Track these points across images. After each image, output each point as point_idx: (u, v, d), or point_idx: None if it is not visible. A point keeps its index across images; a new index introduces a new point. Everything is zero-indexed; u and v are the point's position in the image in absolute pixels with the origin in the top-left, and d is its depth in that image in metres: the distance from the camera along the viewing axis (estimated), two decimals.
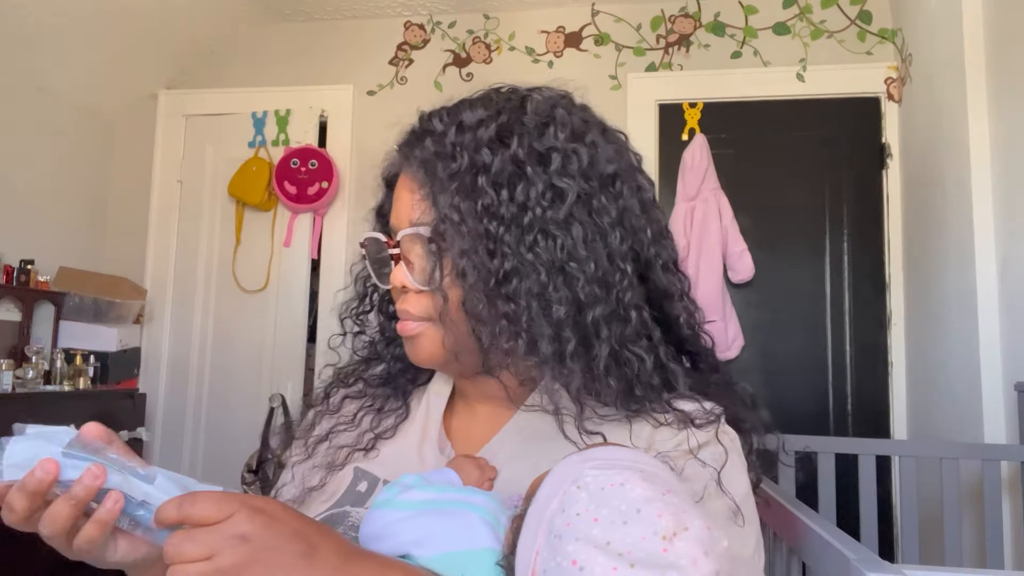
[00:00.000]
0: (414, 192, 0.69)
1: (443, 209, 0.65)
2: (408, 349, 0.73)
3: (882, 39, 2.73)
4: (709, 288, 2.62)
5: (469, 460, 0.69)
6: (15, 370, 2.37)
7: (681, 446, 0.66)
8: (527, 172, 0.65)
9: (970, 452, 1.73)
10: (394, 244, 0.69)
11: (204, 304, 3.08)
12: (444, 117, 0.71)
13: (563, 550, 0.46)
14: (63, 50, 2.72)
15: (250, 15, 3.12)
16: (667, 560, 0.44)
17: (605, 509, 0.46)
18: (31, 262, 2.63)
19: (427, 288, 0.68)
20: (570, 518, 0.47)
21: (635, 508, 0.46)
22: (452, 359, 0.71)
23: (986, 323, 1.94)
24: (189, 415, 3.03)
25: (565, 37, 2.96)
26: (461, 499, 0.59)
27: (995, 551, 1.69)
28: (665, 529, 0.45)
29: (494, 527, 0.56)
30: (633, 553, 0.44)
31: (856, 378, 2.64)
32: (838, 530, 0.89)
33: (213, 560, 0.46)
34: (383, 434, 0.77)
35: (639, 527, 0.45)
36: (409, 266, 0.69)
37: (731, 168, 2.74)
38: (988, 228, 1.97)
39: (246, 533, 0.47)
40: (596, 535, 0.45)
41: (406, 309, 0.70)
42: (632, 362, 0.67)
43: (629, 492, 0.47)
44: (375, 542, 0.57)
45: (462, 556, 0.54)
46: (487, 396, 0.75)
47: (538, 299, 0.64)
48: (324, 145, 3.06)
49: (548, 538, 0.47)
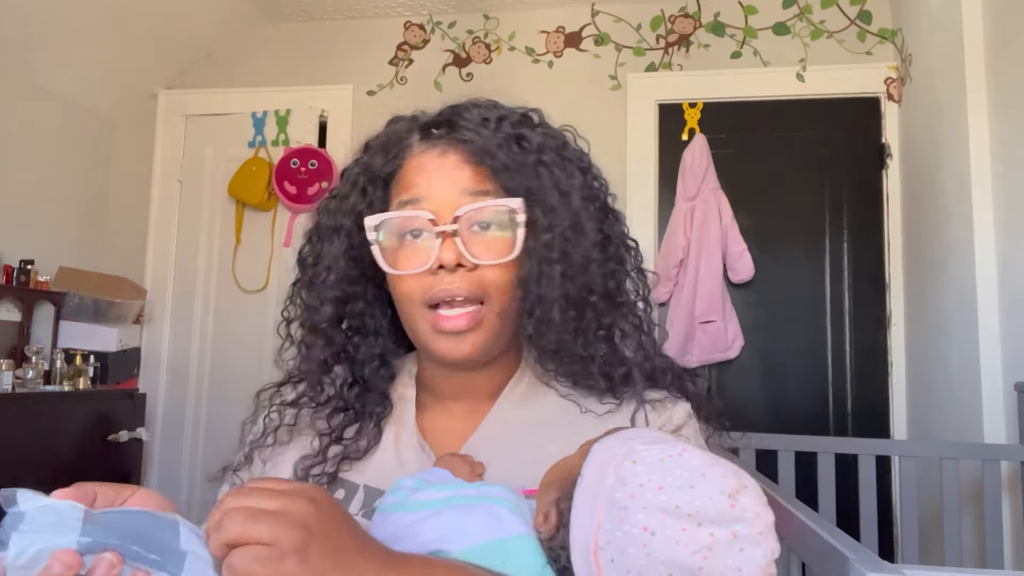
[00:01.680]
0: (476, 170, 0.69)
1: (545, 181, 0.69)
2: (451, 346, 0.69)
3: (882, 39, 2.73)
4: (709, 288, 2.62)
5: (457, 458, 0.69)
6: (15, 370, 2.37)
7: (666, 427, 0.71)
8: (584, 162, 0.75)
9: (970, 452, 1.73)
10: (450, 220, 0.67)
11: (204, 304, 3.08)
12: (483, 111, 0.73)
13: (631, 519, 0.49)
14: (63, 50, 2.72)
15: (250, 15, 3.12)
16: (733, 515, 0.48)
17: (669, 478, 0.49)
18: (31, 262, 2.63)
19: (501, 260, 0.68)
20: (633, 490, 0.50)
21: (700, 473, 0.49)
22: (492, 349, 0.72)
23: (986, 323, 1.94)
24: (189, 415, 3.03)
25: (565, 37, 2.96)
26: (479, 493, 0.60)
27: (995, 551, 1.69)
28: (731, 488, 0.49)
29: (521, 515, 0.57)
30: (702, 512, 0.48)
31: (856, 378, 2.64)
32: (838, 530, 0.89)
33: (277, 545, 0.45)
34: (352, 455, 0.74)
35: (707, 488, 0.49)
36: (465, 241, 0.68)
37: (731, 168, 2.74)
38: (988, 228, 1.97)
39: (306, 519, 0.46)
40: (663, 501, 0.48)
41: (457, 287, 0.67)
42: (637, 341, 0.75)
43: (690, 460, 0.51)
44: (398, 543, 0.56)
45: (498, 545, 0.55)
46: (465, 392, 0.76)
47: (614, 268, 0.73)
48: (324, 145, 3.06)
49: (609, 511, 0.50)
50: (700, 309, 2.61)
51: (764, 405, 2.67)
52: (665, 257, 2.70)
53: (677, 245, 2.67)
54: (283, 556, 0.44)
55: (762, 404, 2.67)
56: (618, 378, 0.72)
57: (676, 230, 2.69)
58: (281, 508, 0.46)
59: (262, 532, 0.44)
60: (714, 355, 2.63)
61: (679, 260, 2.66)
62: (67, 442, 2.39)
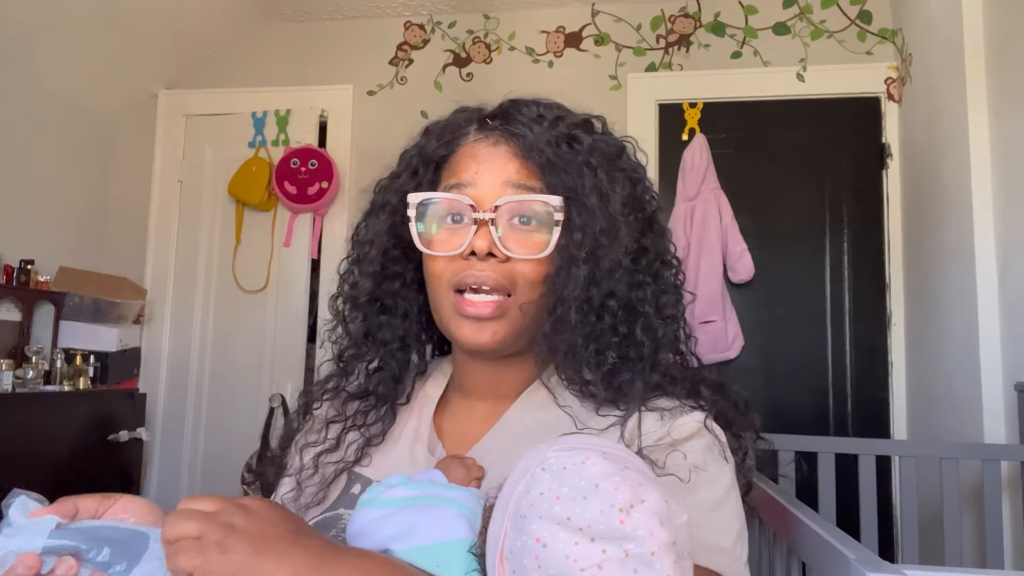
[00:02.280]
0: (524, 165, 0.70)
1: (588, 182, 0.69)
2: (471, 332, 0.70)
3: (882, 39, 2.73)
4: (709, 288, 2.62)
5: (456, 460, 0.70)
6: (15, 370, 2.37)
7: (664, 440, 0.68)
8: (637, 173, 0.75)
9: (970, 452, 1.73)
10: (490, 208, 0.68)
11: (204, 304, 3.08)
12: (537, 107, 0.73)
13: (527, 529, 0.47)
14: (63, 50, 2.72)
15: (250, 15, 3.12)
16: (624, 532, 0.45)
17: (566, 487, 0.47)
18: (31, 262, 2.63)
19: (532, 255, 0.69)
20: (533, 498, 0.48)
21: (593, 483, 0.47)
22: (515, 342, 0.72)
23: (986, 323, 1.94)
24: (189, 415, 3.03)
25: (565, 37, 2.96)
26: (439, 495, 0.61)
27: (995, 551, 1.69)
28: (622, 502, 0.46)
29: (470, 520, 0.58)
30: (592, 527, 0.45)
31: (856, 378, 2.64)
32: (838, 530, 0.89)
33: (202, 539, 0.49)
34: (372, 440, 0.77)
35: (597, 501, 0.46)
36: (500, 232, 0.68)
37: (731, 168, 2.74)
38: (988, 228, 1.96)
39: (232, 522, 0.50)
40: (557, 512, 0.46)
41: (486, 275, 0.68)
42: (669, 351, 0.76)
43: (589, 469, 0.48)
44: (359, 539, 0.59)
45: (437, 547, 0.56)
46: (491, 390, 0.76)
47: (654, 280, 0.73)
48: (324, 145, 3.06)
49: (514, 519, 0.48)
50: (700, 309, 2.61)
51: (764, 405, 2.67)
52: None
53: (677, 245, 2.65)
54: (205, 548, 0.48)
55: (762, 404, 2.67)
56: (622, 386, 0.70)
57: (676, 230, 2.69)
58: (215, 510, 0.51)
59: (189, 528, 0.49)
60: (714, 355, 2.63)
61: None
62: (67, 442, 2.39)
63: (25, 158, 2.74)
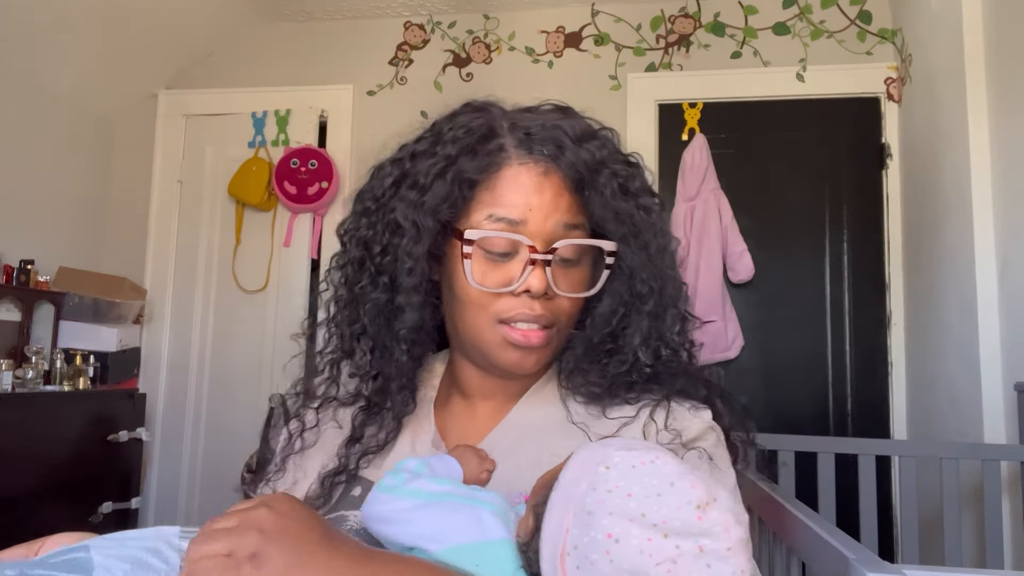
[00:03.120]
0: (572, 199, 0.70)
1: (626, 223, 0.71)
2: (520, 358, 0.70)
3: (882, 39, 2.73)
4: (709, 288, 2.62)
5: (470, 449, 0.70)
6: (15, 370, 2.37)
7: (676, 440, 0.68)
8: (657, 199, 0.75)
9: (970, 452, 1.73)
10: (548, 249, 0.68)
11: (204, 304, 3.08)
12: (577, 127, 0.72)
13: (597, 524, 0.47)
14: (63, 50, 2.72)
15: (250, 15, 3.12)
16: (701, 528, 0.46)
17: (637, 485, 0.48)
18: (31, 262, 2.63)
19: (581, 295, 0.71)
20: (601, 495, 0.48)
21: (669, 481, 0.48)
22: (548, 363, 0.75)
23: (986, 323, 1.94)
24: (189, 415, 3.03)
25: (565, 37, 2.96)
26: (469, 495, 0.60)
27: (995, 551, 1.69)
28: (699, 499, 0.47)
29: (504, 521, 0.57)
30: (668, 523, 0.46)
31: (856, 378, 2.64)
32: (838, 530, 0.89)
33: (233, 555, 0.47)
34: (373, 450, 0.74)
35: (674, 498, 0.47)
36: (552, 271, 0.68)
37: (731, 168, 2.74)
38: (988, 228, 1.96)
39: (263, 525, 0.48)
40: (631, 508, 0.47)
41: (542, 314, 0.69)
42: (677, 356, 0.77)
43: (661, 468, 0.49)
44: (383, 524, 0.58)
45: (475, 548, 0.55)
46: (498, 391, 0.76)
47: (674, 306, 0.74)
48: (324, 145, 3.06)
49: (578, 516, 0.49)
50: (700, 309, 2.61)
51: (764, 405, 2.67)
52: None
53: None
54: (238, 564, 0.46)
55: (762, 404, 2.67)
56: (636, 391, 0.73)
57: (676, 230, 2.69)
58: (236, 522, 0.48)
59: (217, 548, 0.47)
60: (714, 355, 2.63)
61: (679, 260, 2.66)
62: (67, 442, 2.39)
63: (25, 158, 2.74)
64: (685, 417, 0.70)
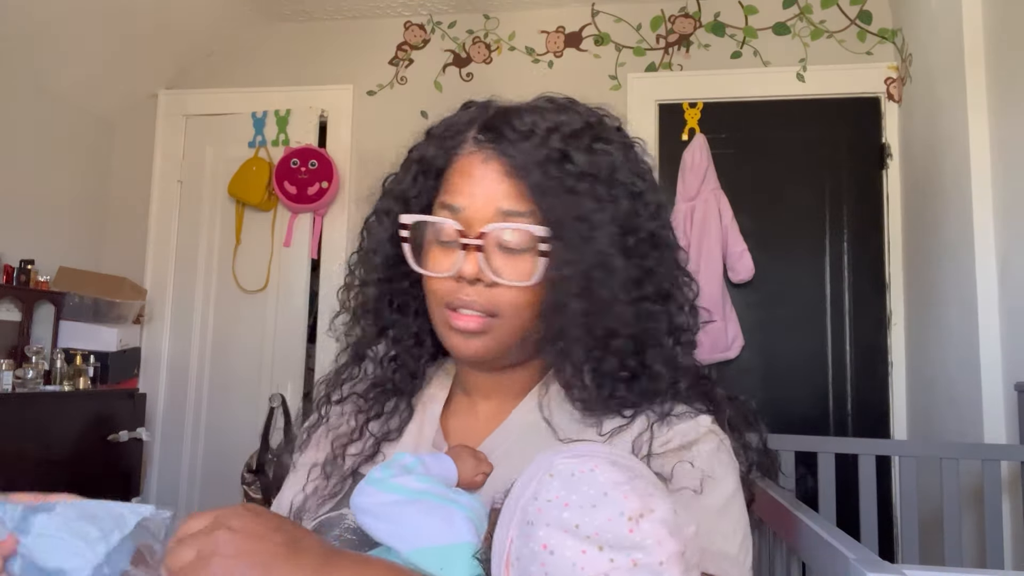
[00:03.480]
0: (514, 186, 0.68)
1: (573, 209, 0.66)
2: (460, 343, 0.70)
3: (882, 39, 2.73)
4: (709, 288, 2.62)
5: (467, 450, 0.70)
6: (15, 370, 2.37)
7: (670, 445, 0.67)
8: (638, 185, 0.70)
9: (970, 452, 1.73)
10: (476, 235, 0.67)
11: (204, 304, 3.08)
12: (536, 118, 0.69)
13: (535, 535, 0.47)
14: (63, 50, 2.72)
15: (250, 15, 3.12)
16: (633, 541, 0.45)
17: (575, 495, 0.47)
18: (31, 262, 2.63)
19: (519, 283, 0.68)
20: (542, 504, 0.48)
21: (603, 492, 0.47)
22: (503, 355, 0.72)
23: (986, 323, 1.94)
24: (189, 415, 3.03)
25: (565, 37, 2.96)
26: (448, 496, 0.61)
27: (995, 551, 1.69)
28: (631, 511, 0.46)
29: (476, 525, 0.58)
30: (601, 535, 0.45)
31: (856, 378, 2.64)
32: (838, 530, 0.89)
33: (203, 557, 0.48)
34: (388, 436, 0.77)
35: (606, 509, 0.46)
36: (486, 258, 0.68)
37: (731, 168, 2.74)
38: (988, 228, 1.96)
39: (232, 524, 0.49)
40: (566, 519, 0.46)
41: (471, 299, 0.68)
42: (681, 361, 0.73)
43: (598, 476, 0.48)
44: (364, 515, 0.60)
45: (441, 550, 0.56)
46: (495, 390, 0.76)
47: (664, 302, 0.70)
48: (324, 145, 3.06)
49: (521, 526, 0.48)
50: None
51: (764, 405, 2.63)
52: None
53: None
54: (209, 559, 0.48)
55: (762, 404, 2.63)
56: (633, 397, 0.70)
57: (676, 230, 2.69)
58: (194, 553, 0.49)
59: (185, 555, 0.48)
60: (714, 355, 2.63)
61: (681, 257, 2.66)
62: (67, 442, 2.39)
63: (25, 158, 2.74)
64: (683, 420, 0.69)
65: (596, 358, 0.68)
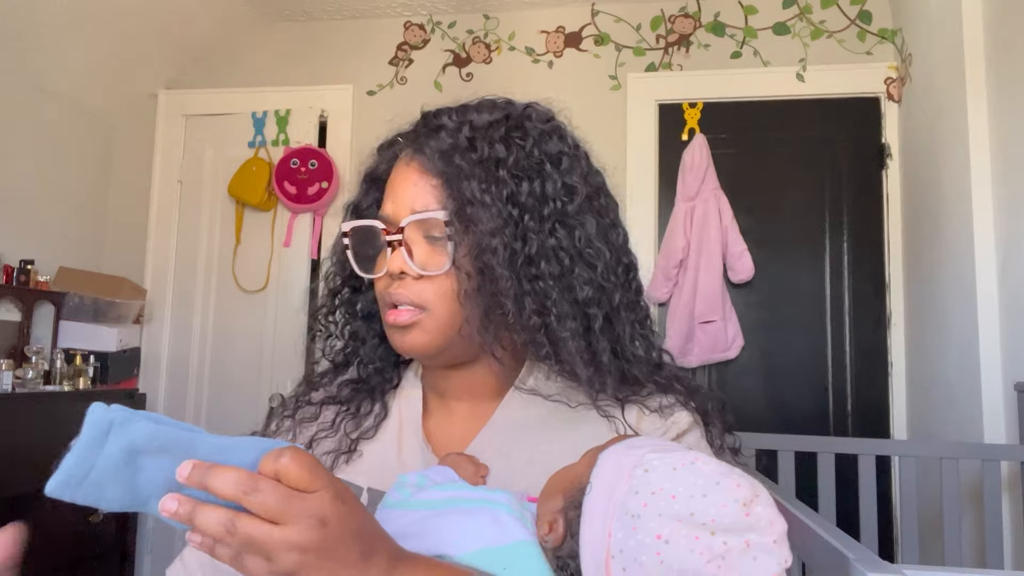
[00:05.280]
0: (427, 180, 0.70)
1: (468, 193, 0.67)
2: (397, 339, 0.72)
3: (882, 39, 2.73)
4: (709, 288, 2.62)
5: (463, 457, 0.70)
6: (15, 370, 2.37)
7: (668, 432, 0.70)
8: (544, 169, 0.70)
9: (970, 452, 1.73)
10: (396, 230, 0.70)
11: (204, 304, 3.08)
12: (453, 116, 0.73)
13: (644, 527, 0.49)
14: (63, 50, 2.72)
15: (250, 15, 3.12)
16: (748, 523, 0.48)
17: (681, 486, 0.50)
18: (31, 262, 2.63)
19: (435, 272, 0.69)
20: (645, 498, 0.50)
21: (714, 481, 0.50)
22: (444, 348, 0.72)
23: (986, 323, 1.94)
24: (189, 415, 3.03)
25: (565, 37, 2.96)
26: (481, 497, 0.60)
27: (995, 551, 1.69)
28: (744, 497, 0.49)
29: (522, 520, 0.57)
30: (716, 521, 0.48)
31: (856, 378, 2.64)
32: (838, 530, 0.89)
33: (285, 529, 0.45)
34: (364, 434, 0.78)
35: (720, 497, 0.49)
36: (409, 252, 0.69)
37: (731, 168, 2.74)
38: (988, 228, 1.96)
39: (326, 517, 0.46)
40: (678, 509, 0.49)
41: (401, 293, 0.70)
42: (642, 340, 0.74)
43: (702, 468, 0.51)
44: (403, 541, 0.57)
45: (500, 551, 0.55)
46: (466, 391, 0.76)
47: (560, 280, 0.68)
48: (324, 145, 3.06)
49: (622, 519, 0.50)
50: (700, 309, 2.61)
51: (764, 405, 2.67)
52: (665, 257, 2.70)
53: (677, 245, 2.67)
54: (288, 549, 0.45)
55: (762, 404, 2.67)
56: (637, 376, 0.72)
57: (676, 230, 2.69)
58: (312, 490, 0.46)
59: (274, 506, 0.44)
60: (714, 355, 2.63)
61: (679, 260, 2.67)
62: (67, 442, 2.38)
63: (25, 158, 2.73)
64: (674, 411, 0.72)
65: (492, 334, 0.69)
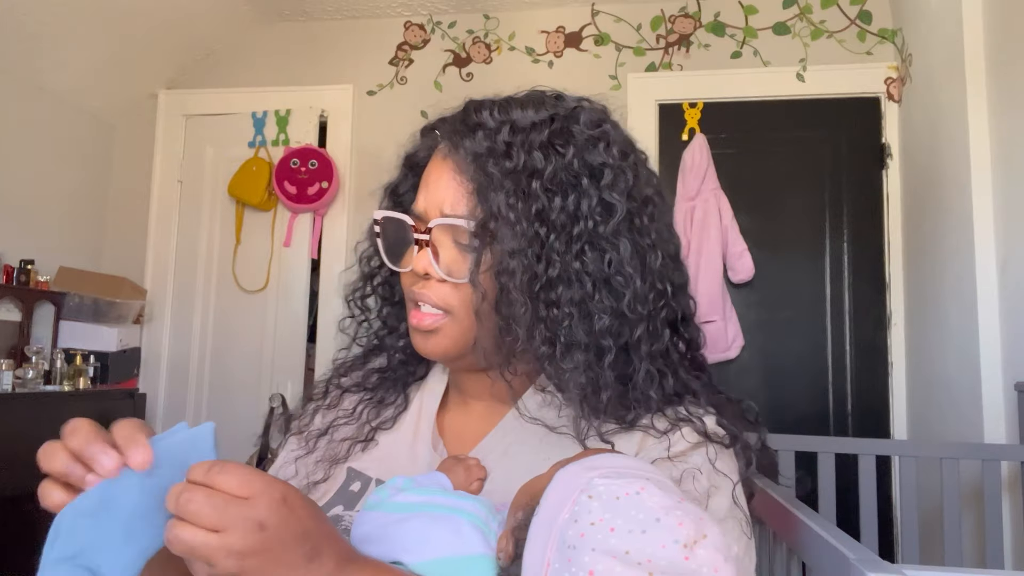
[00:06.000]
0: (460, 183, 0.67)
1: (495, 206, 0.63)
2: (419, 341, 0.70)
3: (882, 39, 2.73)
4: (709, 288, 2.62)
5: (458, 462, 0.69)
6: (15, 370, 2.37)
7: (673, 448, 0.66)
8: (581, 183, 0.66)
9: (970, 452, 1.73)
10: (424, 229, 0.67)
11: (204, 304, 3.08)
12: (495, 112, 0.68)
13: (579, 561, 0.45)
14: (63, 50, 2.72)
15: (250, 15, 3.12)
16: (689, 568, 0.43)
17: (621, 519, 0.45)
18: (31, 262, 2.63)
19: (458, 279, 0.67)
20: (584, 528, 0.46)
21: (654, 517, 0.45)
22: (464, 354, 0.70)
23: (986, 323, 1.94)
24: (189, 415, 3.03)
25: (565, 37, 2.96)
26: (450, 504, 0.59)
27: (995, 551, 1.69)
28: (686, 537, 0.44)
29: (484, 533, 0.56)
30: (653, 562, 0.44)
31: (856, 378, 2.64)
32: (838, 530, 0.89)
33: (223, 536, 0.44)
34: (383, 425, 0.77)
35: (659, 535, 0.44)
36: (436, 254, 0.67)
37: (731, 168, 2.74)
38: (988, 228, 1.96)
39: (265, 521, 0.45)
40: (614, 544, 0.44)
41: (425, 294, 0.68)
42: (656, 376, 0.69)
43: (646, 500, 0.46)
44: (367, 544, 0.57)
45: (455, 561, 0.54)
46: (486, 392, 0.75)
47: (579, 308, 0.65)
48: (324, 145, 3.06)
49: (560, 549, 0.47)
50: (700, 309, 2.60)
51: (764, 405, 2.67)
52: None
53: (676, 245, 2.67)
54: (227, 555, 0.44)
55: (762, 404, 2.67)
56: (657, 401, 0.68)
57: (676, 230, 2.69)
58: (248, 496, 0.45)
59: (210, 516, 0.44)
60: (714, 355, 2.62)
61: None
62: None
63: (25, 158, 2.73)
64: (683, 426, 0.67)
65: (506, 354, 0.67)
